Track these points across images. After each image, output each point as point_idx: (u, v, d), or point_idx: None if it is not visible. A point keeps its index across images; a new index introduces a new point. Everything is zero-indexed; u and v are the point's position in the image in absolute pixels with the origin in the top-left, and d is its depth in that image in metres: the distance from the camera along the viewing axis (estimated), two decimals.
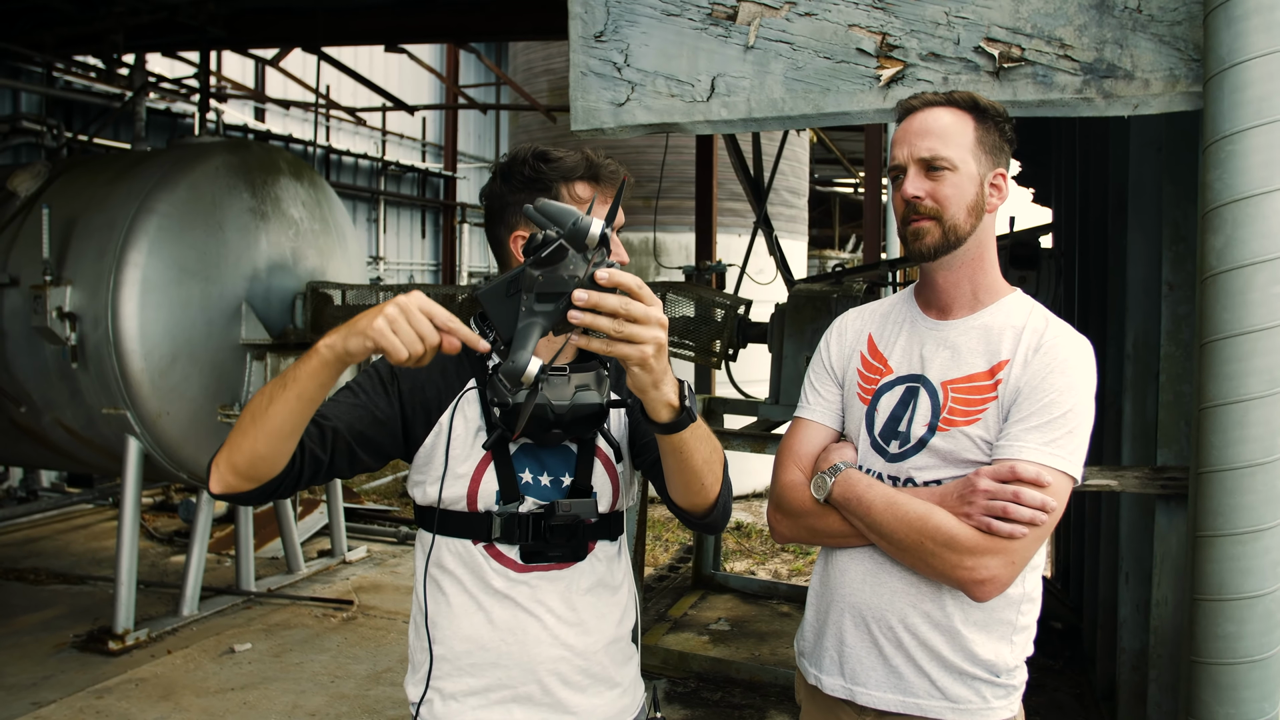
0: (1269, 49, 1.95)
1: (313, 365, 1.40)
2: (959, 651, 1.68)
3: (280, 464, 1.49)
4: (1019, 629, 1.71)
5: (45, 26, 6.57)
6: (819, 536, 1.80)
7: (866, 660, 1.74)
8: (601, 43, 2.62)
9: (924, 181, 1.68)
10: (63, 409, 5.09)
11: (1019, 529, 1.57)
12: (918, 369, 1.75)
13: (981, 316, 1.73)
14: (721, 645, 5.03)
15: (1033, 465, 1.58)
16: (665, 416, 1.42)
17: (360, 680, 4.58)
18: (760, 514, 8.41)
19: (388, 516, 7.78)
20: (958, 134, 1.68)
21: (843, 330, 1.91)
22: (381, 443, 1.65)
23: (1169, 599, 2.88)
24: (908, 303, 1.85)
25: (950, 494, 1.64)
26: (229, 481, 1.49)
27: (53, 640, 4.96)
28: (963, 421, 1.68)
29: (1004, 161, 1.73)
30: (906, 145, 1.71)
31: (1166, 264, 2.94)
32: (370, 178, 13.95)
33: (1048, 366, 1.63)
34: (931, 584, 1.68)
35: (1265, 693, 2.04)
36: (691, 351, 4.53)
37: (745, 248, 5.97)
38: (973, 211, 1.69)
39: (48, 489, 8.05)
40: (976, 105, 1.71)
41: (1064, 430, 1.60)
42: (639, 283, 1.31)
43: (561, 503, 1.63)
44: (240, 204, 5.25)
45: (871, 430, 1.78)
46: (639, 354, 1.31)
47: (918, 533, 1.62)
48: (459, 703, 1.68)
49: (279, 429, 1.44)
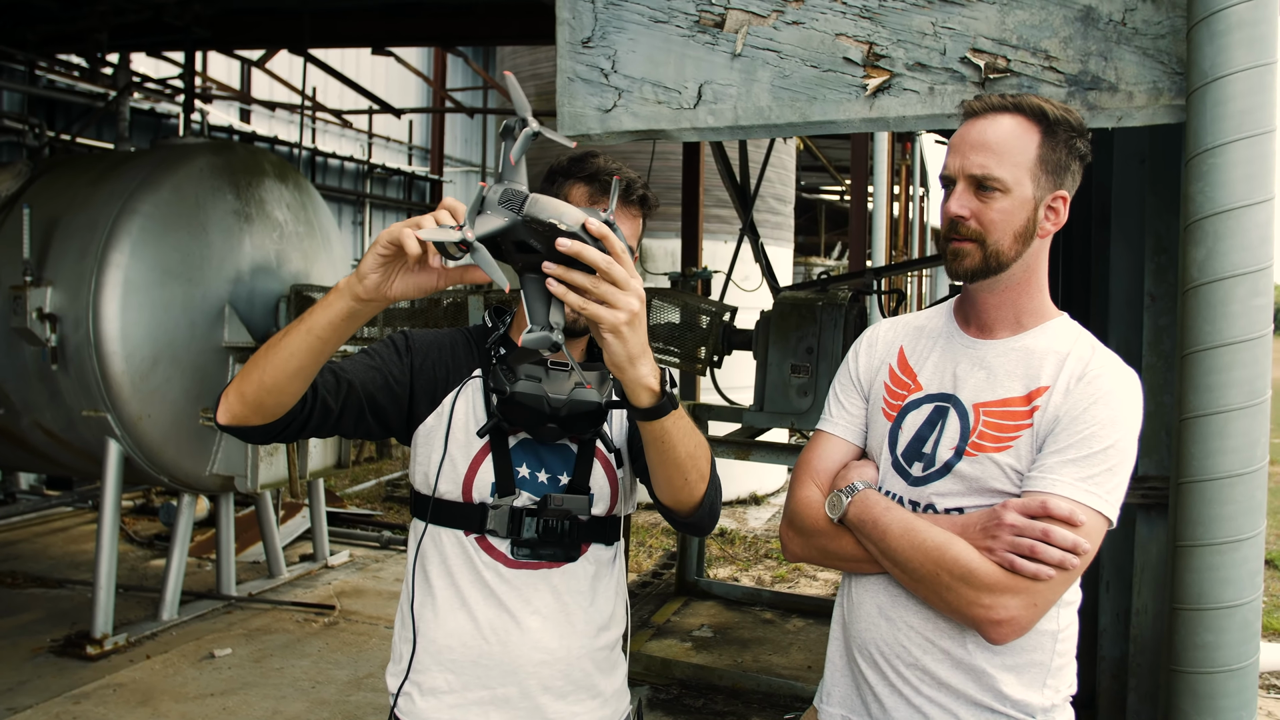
0: (1251, 63, 1.97)
1: (326, 300, 1.39)
2: (987, 691, 1.56)
3: (289, 401, 1.47)
4: (1053, 671, 1.58)
5: (28, 24, 6.52)
6: (831, 559, 1.69)
7: (889, 701, 1.62)
8: (589, 49, 2.62)
9: (971, 200, 1.54)
10: (42, 411, 5.04)
11: (1045, 570, 1.45)
12: (949, 388, 1.64)
13: (1023, 339, 1.61)
14: (704, 652, 5.03)
15: (1067, 502, 1.46)
16: (645, 400, 1.40)
17: (341, 686, 4.55)
18: (744, 520, 8.41)
19: (371, 521, 7.73)
20: (1018, 150, 1.53)
21: (873, 341, 1.80)
22: (389, 411, 1.66)
23: (1149, 608, 2.90)
24: (946, 318, 1.73)
25: (973, 525, 1.52)
26: (236, 411, 1.47)
27: (29, 645, 4.91)
28: (993, 448, 1.56)
29: (1067, 182, 1.57)
30: (959, 156, 1.56)
31: (1149, 275, 2.96)
32: (356, 181, 13.90)
33: (1091, 397, 1.51)
34: (950, 620, 1.56)
35: (1242, 701, 2.05)
36: (676, 358, 4.53)
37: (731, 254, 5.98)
38: (1020, 238, 1.55)
39: (26, 491, 7.97)
40: (1045, 116, 1.54)
41: (1103, 467, 1.49)
42: (623, 248, 1.29)
43: (554, 496, 1.63)
44: (224, 206, 5.22)
45: (894, 449, 1.67)
46: (611, 319, 1.28)
47: (934, 563, 1.51)
48: (436, 699, 1.67)
49: (287, 361, 1.42)
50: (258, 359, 1.45)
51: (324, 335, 1.40)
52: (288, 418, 1.50)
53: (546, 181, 1.73)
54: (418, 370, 1.67)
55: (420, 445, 1.69)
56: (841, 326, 4.21)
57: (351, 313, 1.38)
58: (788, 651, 5.09)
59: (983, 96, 1.60)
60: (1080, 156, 1.57)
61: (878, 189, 11.05)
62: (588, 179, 1.67)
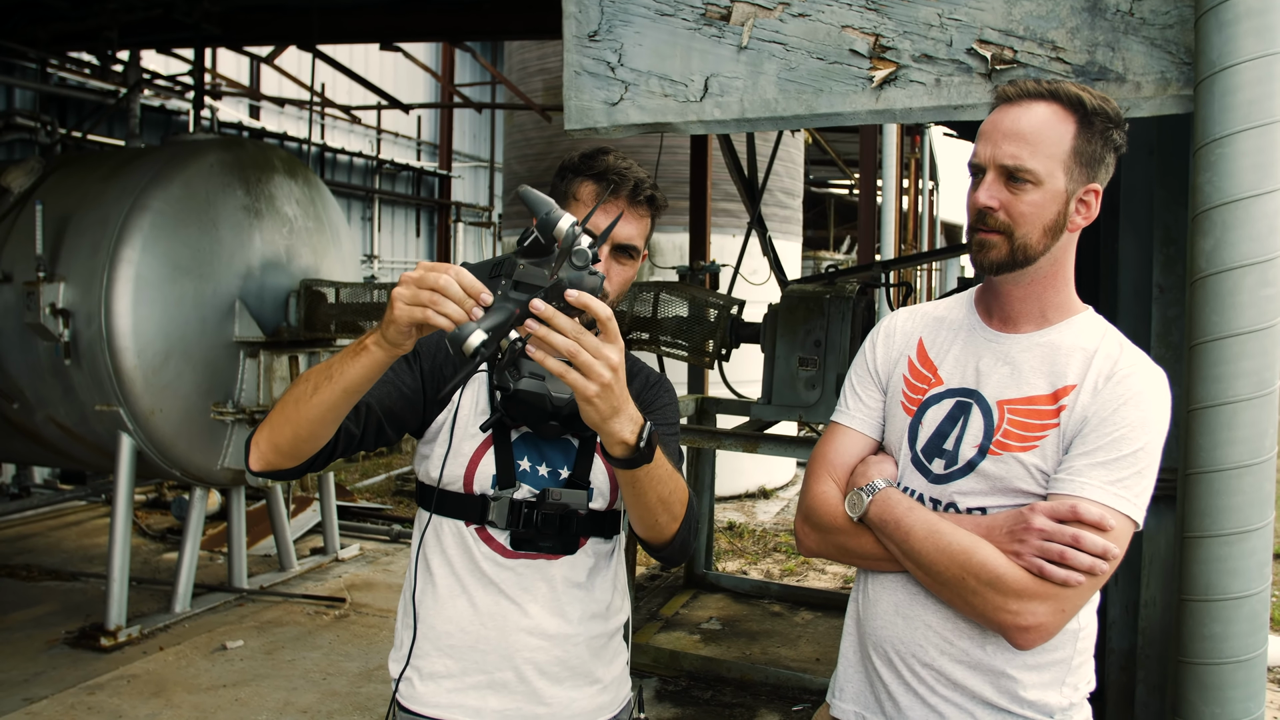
0: (1259, 53, 1.96)
1: (363, 363, 1.41)
2: (1004, 694, 1.53)
3: (322, 444, 1.53)
4: (1074, 669, 1.56)
5: (40, 22, 6.56)
6: (849, 556, 1.64)
7: (903, 700, 1.59)
8: (595, 42, 2.62)
9: (1001, 191, 1.49)
10: (55, 406, 5.08)
11: (1075, 576, 1.41)
12: (971, 383, 1.59)
13: (1048, 334, 1.56)
14: (713, 644, 5.04)
15: (1097, 506, 1.42)
16: (618, 452, 1.43)
17: (352, 678, 4.58)
18: (752, 514, 8.42)
19: (380, 515, 7.77)
20: (1052, 140, 1.47)
21: (891, 331, 1.74)
22: (405, 418, 1.69)
23: (1157, 599, 2.90)
24: (967, 308, 1.67)
25: (999, 527, 1.47)
26: (271, 460, 1.54)
27: (44, 637, 4.96)
28: (1018, 447, 1.51)
29: (1101, 175, 1.51)
30: (991, 144, 1.50)
31: (1157, 267, 2.95)
32: (365, 176, 13.94)
33: (1121, 397, 1.47)
34: (971, 620, 1.52)
35: (1251, 692, 2.05)
36: (685, 351, 4.54)
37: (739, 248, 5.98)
38: (1049, 232, 1.50)
39: (40, 486, 8.03)
40: (1083, 105, 1.47)
41: (1133, 470, 1.45)
42: (608, 315, 1.31)
43: (552, 490, 1.65)
44: (234, 201, 5.25)
45: (914, 445, 1.62)
46: (583, 387, 1.32)
47: (960, 567, 1.46)
48: (435, 684, 1.70)
49: (323, 417, 1.47)
50: (288, 412, 1.49)
51: (360, 387, 1.45)
52: (317, 455, 1.56)
53: (557, 177, 1.75)
54: (428, 375, 1.69)
55: (429, 437, 1.72)
56: (849, 320, 4.21)
57: (384, 364, 1.42)
58: (796, 644, 5.10)
59: (1017, 81, 1.53)
60: (1116, 148, 1.52)
61: (886, 182, 11.03)
62: (596, 177, 1.68)
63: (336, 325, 5.38)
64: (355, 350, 1.42)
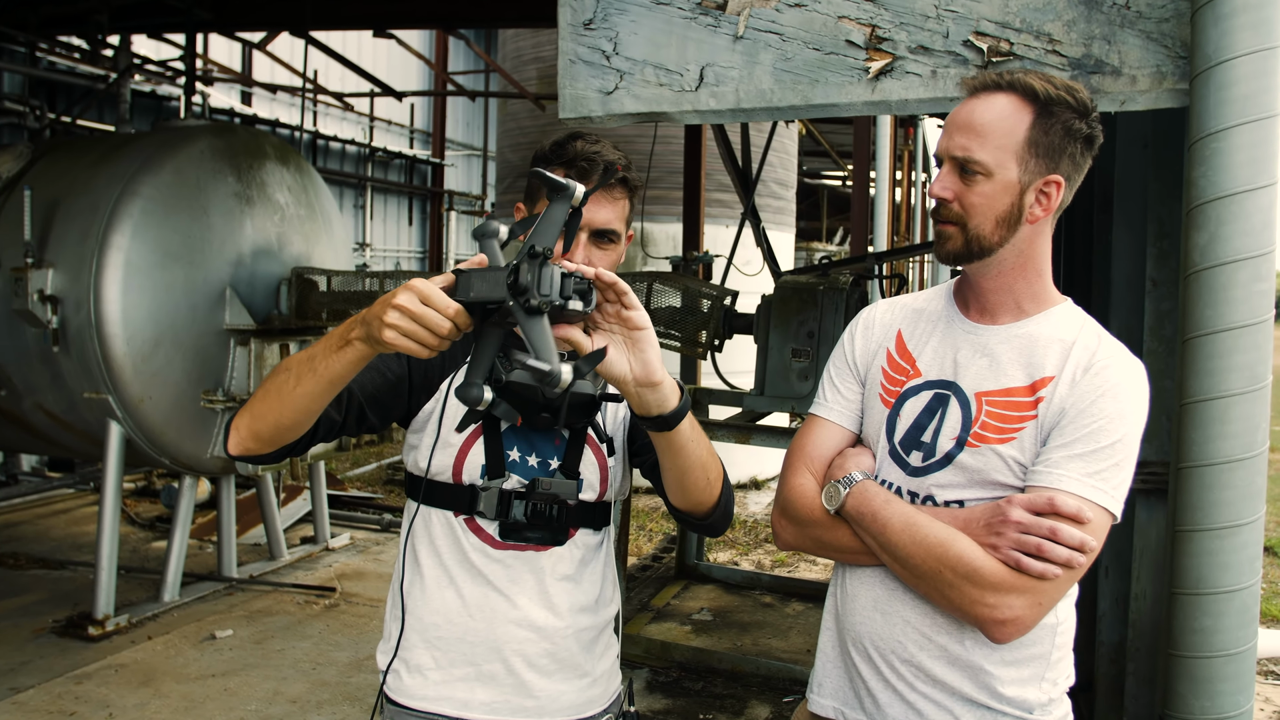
0: (1256, 47, 1.96)
1: (348, 357, 1.41)
2: (983, 689, 1.53)
3: (302, 432, 1.53)
4: (1052, 664, 1.55)
5: (29, 6, 6.50)
6: (826, 550, 1.64)
7: (883, 696, 1.59)
8: (590, 31, 2.61)
9: (955, 182, 1.50)
10: (44, 393, 5.05)
11: (1052, 569, 1.40)
12: (949, 375, 1.59)
13: (1026, 325, 1.56)
14: (704, 635, 5.05)
15: (1074, 498, 1.42)
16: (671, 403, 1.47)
17: (342, 667, 4.58)
18: (744, 505, 8.43)
19: (371, 504, 7.76)
20: (1004, 131, 1.47)
21: (869, 323, 1.74)
22: (389, 404, 1.68)
23: (1148, 593, 2.91)
24: (946, 300, 1.67)
25: (976, 520, 1.47)
26: (250, 446, 1.54)
27: (32, 625, 4.93)
28: (996, 439, 1.51)
29: (1063, 165, 1.50)
30: (947, 136, 1.51)
31: (1151, 260, 2.95)
32: (357, 164, 13.86)
33: (1098, 389, 1.47)
34: (949, 616, 1.52)
35: (1240, 686, 2.06)
36: (677, 342, 4.53)
37: (733, 239, 5.97)
38: (1004, 223, 1.49)
39: (28, 473, 7.99)
40: (1037, 96, 1.47)
41: (1110, 462, 1.44)
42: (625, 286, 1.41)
43: (542, 480, 1.65)
44: (225, 188, 5.21)
45: (892, 437, 1.62)
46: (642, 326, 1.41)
47: (936, 560, 1.46)
48: (422, 676, 1.69)
49: (307, 408, 1.47)
50: (270, 402, 1.48)
51: (343, 379, 1.45)
52: (297, 442, 1.56)
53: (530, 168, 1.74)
54: (414, 361, 1.68)
55: (418, 426, 1.71)
56: (843, 311, 4.20)
57: (368, 357, 1.42)
58: (787, 635, 5.11)
59: (980, 74, 1.54)
60: (1081, 138, 1.50)
61: (880, 174, 11.02)
62: (566, 164, 1.66)
63: (328, 313, 5.35)
64: (339, 343, 1.40)
